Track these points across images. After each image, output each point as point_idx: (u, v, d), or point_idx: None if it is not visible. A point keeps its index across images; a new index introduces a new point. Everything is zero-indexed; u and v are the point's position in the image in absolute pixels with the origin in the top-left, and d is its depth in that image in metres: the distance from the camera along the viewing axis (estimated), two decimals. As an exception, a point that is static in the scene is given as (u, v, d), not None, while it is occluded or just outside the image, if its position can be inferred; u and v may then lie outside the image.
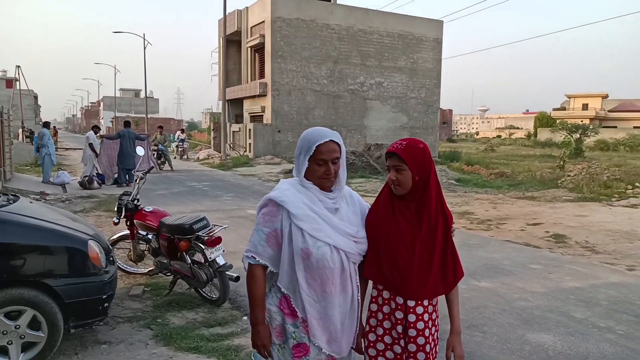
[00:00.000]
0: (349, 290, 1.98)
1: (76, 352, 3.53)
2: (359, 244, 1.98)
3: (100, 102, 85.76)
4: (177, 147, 27.17)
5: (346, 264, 1.94)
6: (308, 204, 1.89)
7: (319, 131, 1.93)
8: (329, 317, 1.94)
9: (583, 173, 14.22)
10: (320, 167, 1.89)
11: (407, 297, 1.97)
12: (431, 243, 1.96)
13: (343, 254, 1.92)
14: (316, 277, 1.90)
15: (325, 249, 1.88)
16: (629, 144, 35.82)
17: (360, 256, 2.00)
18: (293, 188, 1.94)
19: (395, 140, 2.05)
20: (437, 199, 1.99)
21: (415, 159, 1.94)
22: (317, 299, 1.92)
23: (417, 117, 27.92)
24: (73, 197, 11.15)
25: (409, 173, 1.94)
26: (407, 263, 1.95)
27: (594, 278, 5.61)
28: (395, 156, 1.96)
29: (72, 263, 3.43)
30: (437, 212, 1.98)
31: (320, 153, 1.88)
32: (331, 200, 1.96)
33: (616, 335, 4.03)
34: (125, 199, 5.07)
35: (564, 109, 62.72)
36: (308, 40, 24.64)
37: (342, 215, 1.98)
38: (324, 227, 1.89)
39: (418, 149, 1.96)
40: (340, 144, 1.94)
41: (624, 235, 7.97)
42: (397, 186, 1.97)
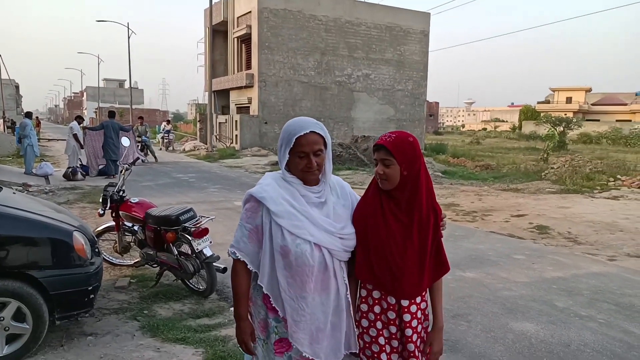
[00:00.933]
0: (332, 288, 1.88)
1: (62, 344, 3.50)
2: (344, 240, 1.89)
3: (84, 93, 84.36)
4: (163, 139, 26.91)
5: (329, 262, 1.86)
6: (288, 200, 1.82)
7: (299, 122, 1.84)
8: (309, 317, 1.86)
9: (566, 165, 14.44)
10: (302, 159, 1.81)
11: (400, 297, 1.91)
12: (423, 241, 1.90)
13: (326, 251, 1.84)
14: (296, 275, 1.82)
15: (304, 247, 1.80)
16: (611, 137, 36.42)
17: (347, 253, 1.91)
18: (275, 183, 1.87)
19: (384, 133, 1.96)
20: (427, 196, 1.91)
21: (404, 152, 1.85)
22: (296, 298, 1.84)
23: (404, 109, 28.01)
24: (56, 189, 11.00)
25: (397, 167, 1.85)
26: (399, 263, 1.88)
27: (576, 268, 5.73)
28: (383, 149, 1.87)
29: (57, 254, 3.40)
30: (429, 209, 1.90)
31: (301, 145, 1.79)
32: (315, 194, 1.88)
33: (597, 323, 4.12)
34: (111, 190, 5.02)
35: (549, 102, 63.45)
36: (295, 32, 24.49)
37: (329, 209, 1.90)
38: (304, 224, 1.81)
39: (407, 143, 1.87)
40: (323, 135, 1.84)
41: (606, 226, 8.13)
42: (384, 181, 1.89)
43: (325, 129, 1.88)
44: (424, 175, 1.90)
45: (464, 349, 3.58)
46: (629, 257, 6.28)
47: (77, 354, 3.36)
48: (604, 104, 60.50)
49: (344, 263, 1.93)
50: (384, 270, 1.90)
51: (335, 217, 1.90)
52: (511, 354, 3.54)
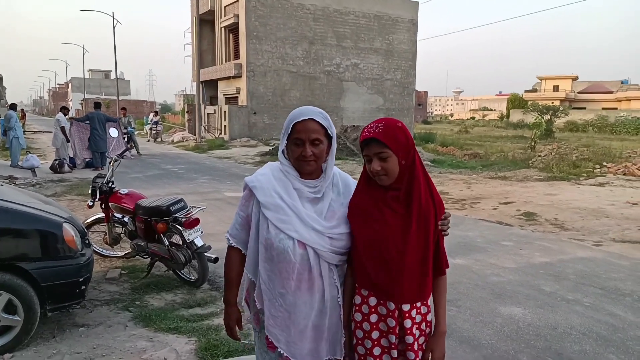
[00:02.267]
0: (317, 289, 1.77)
1: (54, 336, 3.50)
2: (334, 240, 1.76)
3: (69, 84, 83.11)
4: (151, 130, 26.69)
5: (314, 262, 1.75)
6: (279, 192, 1.75)
7: (302, 109, 1.77)
8: (288, 316, 1.78)
9: (553, 153, 14.61)
10: (298, 147, 1.74)
11: (400, 301, 1.73)
12: (424, 235, 1.71)
13: (311, 250, 1.74)
14: (276, 270, 1.77)
15: (287, 242, 1.72)
16: (597, 125, 36.84)
17: (337, 255, 1.78)
18: (270, 173, 1.81)
19: (367, 124, 1.75)
20: (426, 184, 1.73)
21: (397, 140, 1.69)
22: (275, 294, 1.78)
23: (393, 98, 28.03)
24: (43, 181, 10.88)
25: (394, 158, 1.69)
26: (398, 263, 1.70)
27: (562, 253, 5.83)
28: (375, 142, 1.69)
29: (47, 246, 3.38)
30: (428, 199, 1.72)
31: (297, 132, 1.73)
32: (311, 188, 1.79)
33: (583, 307, 4.21)
34: (100, 181, 4.99)
35: (536, 90, 63.85)
36: (283, 21, 24.32)
37: (324, 206, 1.80)
38: (291, 219, 1.73)
39: (398, 129, 1.71)
40: (325, 126, 1.75)
41: (592, 212, 8.27)
42: (384, 176, 1.71)
43: (330, 120, 1.79)
44: (419, 161, 1.74)
45: (454, 333, 3.64)
46: (614, 242, 6.40)
47: (70, 345, 3.36)
48: (590, 92, 61.06)
49: (333, 265, 1.81)
50: (380, 271, 1.73)
51: (329, 215, 1.79)
52: (499, 338, 3.61)
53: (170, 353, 3.28)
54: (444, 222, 1.77)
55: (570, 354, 3.37)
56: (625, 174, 12.58)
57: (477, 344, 3.52)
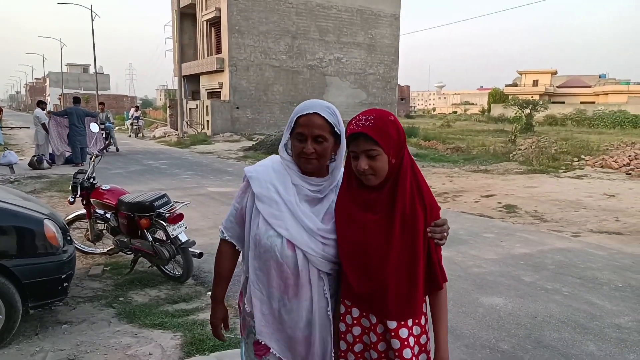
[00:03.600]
0: (305, 298, 1.63)
1: (36, 333, 3.46)
2: (326, 246, 1.62)
3: (46, 78, 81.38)
4: (132, 125, 26.33)
5: (302, 266, 1.61)
6: (276, 185, 1.64)
7: (308, 102, 1.64)
8: (278, 320, 1.68)
9: (533, 147, 14.84)
10: (299, 143, 1.61)
11: (384, 316, 1.55)
12: (410, 244, 1.51)
13: (300, 252, 1.60)
14: (263, 268, 1.66)
15: (275, 240, 1.61)
16: (575, 119, 37.49)
17: (328, 262, 1.63)
18: (270, 164, 1.71)
19: (356, 116, 1.55)
20: (414, 185, 1.53)
21: (389, 136, 1.50)
22: (263, 295, 1.68)
23: (376, 93, 28.13)
24: (22, 178, 10.68)
25: (384, 157, 1.50)
26: (379, 272, 1.52)
27: (542, 244, 5.96)
28: (364, 137, 1.49)
29: (28, 243, 3.34)
30: (414, 202, 1.52)
31: (299, 126, 1.60)
32: (312, 186, 1.65)
33: (562, 296, 4.32)
34: (81, 177, 4.92)
35: (516, 85, 64.70)
36: (265, 15, 24.17)
37: (323, 208, 1.66)
38: (283, 215, 1.61)
39: (390, 123, 1.52)
40: (331, 122, 1.60)
41: (570, 204, 8.45)
42: (371, 176, 1.53)
43: (339, 116, 1.63)
44: (408, 159, 1.56)
45: (437, 324, 3.70)
46: (592, 233, 6.56)
47: (53, 342, 3.33)
48: (569, 86, 62.10)
49: (324, 273, 1.65)
50: (361, 280, 1.56)
51: (327, 219, 1.65)
52: (481, 327, 3.69)
53: (155, 349, 3.27)
54: (434, 229, 1.53)
55: (550, 342, 3.46)
56: (603, 167, 12.87)
57: (459, 333, 3.58)
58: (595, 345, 3.42)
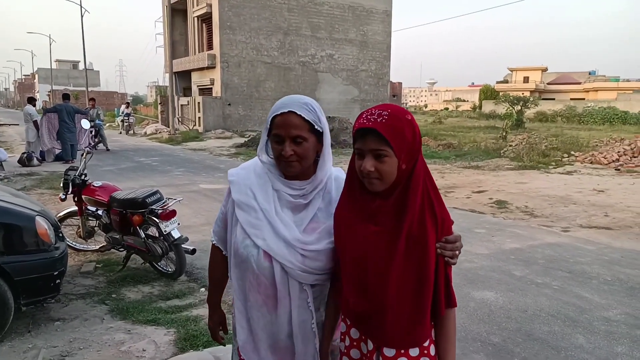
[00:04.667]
0: (284, 311, 1.51)
1: (29, 330, 3.45)
2: (307, 259, 1.47)
3: (35, 75, 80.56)
4: (123, 122, 26.16)
5: (280, 278, 1.49)
6: (254, 191, 1.52)
7: (285, 99, 1.49)
8: (257, 333, 1.57)
9: (523, 143, 14.94)
10: (278, 145, 1.47)
11: (381, 342, 1.38)
12: (417, 261, 1.31)
13: (277, 265, 1.48)
14: (242, 278, 1.56)
15: (251, 251, 1.50)
16: (565, 115, 37.77)
17: (310, 275, 1.49)
18: (252, 167, 1.59)
19: (368, 109, 1.34)
20: (425, 196, 1.32)
21: (403, 137, 1.29)
22: (243, 306, 1.59)
23: (368, 89, 28.16)
24: (11, 175, 10.58)
25: (394, 160, 1.29)
26: (378, 290, 1.34)
27: (532, 239, 6.02)
28: (374, 134, 1.28)
29: (20, 240, 3.33)
30: (424, 215, 1.31)
31: (275, 127, 1.47)
32: (294, 191, 1.52)
33: (552, 290, 4.38)
34: (72, 174, 4.90)
35: (507, 81, 65.04)
36: (257, 11, 24.08)
37: (307, 215, 1.52)
38: (261, 224, 1.49)
39: (406, 122, 1.31)
40: (310, 120, 1.45)
41: (560, 200, 8.53)
42: (376, 180, 1.32)
43: (318, 112, 1.48)
44: (422, 167, 1.35)
45: (429, 318, 3.74)
46: (581, 228, 6.64)
47: (46, 339, 3.32)
48: (559, 83, 62.55)
49: (307, 285, 1.52)
50: (359, 298, 1.39)
51: (310, 228, 1.51)
52: (472, 321, 3.73)
53: (149, 344, 3.27)
54: (444, 246, 1.33)
55: (540, 335, 3.51)
56: (592, 163, 13.00)
57: (451, 327, 3.62)
58: (584, 338, 3.47)
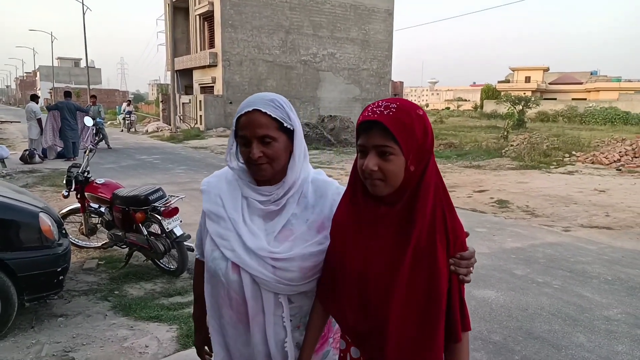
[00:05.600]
0: (257, 329, 1.37)
1: (32, 326, 3.47)
2: (279, 270, 1.33)
3: (37, 72, 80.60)
4: (124, 120, 26.20)
5: (251, 292, 1.35)
6: (224, 199, 1.41)
7: (250, 98, 1.37)
8: (232, 352, 1.47)
9: (525, 143, 14.94)
10: (245, 148, 1.34)
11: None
12: (426, 279, 1.14)
13: (247, 276, 1.34)
14: (214, 294, 1.45)
15: (220, 264, 1.38)
16: (567, 115, 37.75)
17: (286, 287, 1.35)
18: (224, 175, 1.48)
19: (373, 103, 1.18)
20: (436, 206, 1.16)
21: (412, 134, 1.13)
22: (217, 324, 1.48)
23: (370, 88, 28.16)
24: (14, 172, 10.59)
25: (401, 160, 1.13)
26: (380, 310, 1.17)
27: (533, 239, 6.03)
28: (379, 128, 1.12)
29: (24, 236, 3.35)
30: (436, 225, 1.15)
31: (240, 128, 1.34)
32: (263, 197, 1.38)
33: (552, 289, 4.39)
34: (75, 171, 4.91)
35: (508, 81, 64.96)
36: (259, 9, 24.08)
37: (279, 223, 1.38)
38: (230, 235, 1.37)
39: (417, 118, 1.14)
40: (277, 117, 1.32)
41: (561, 199, 8.54)
42: (379, 181, 1.16)
43: (287, 108, 1.36)
44: (433, 171, 1.19)
45: (430, 316, 3.75)
46: (582, 228, 6.65)
47: (49, 335, 3.34)
48: (561, 83, 62.50)
49: (287, 297, 1.38)
50: (358, 317, 1.24)
51: (282, 236, 1.37)
52: (473, 319, 3.72)
53: (151, 341, 3.29)
54: (458, 262, 1.17)
55: (540, 333, 3.52)
56: (594, 163, 13.01)
57: (452, 325, 3.63)
58: (584, 337, 3.48)
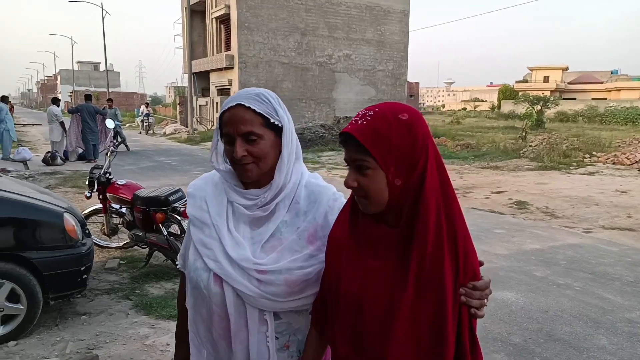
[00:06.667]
0: (240, 345, 1.23)
1: (56, 324, 3.55)
2: (264, 284, 1.19)
3: (57, 76, 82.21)
4: (143, 122, 26.56)
5: (234, 306, 1.21)
6: (209, 204, 1.28)
7: (235, 94, 1.24)
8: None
9: (544, 143, 14.75)
10: (229, 146, 1.21)
11: None
12: (431, 310, 0.99)
13: (230, 289, 1.20)
14: (196, 308, 1.31)
15: (201, 274, 1.24)
16: (587, 115, 37.12)
17: (272, 302, 1.20)
18: (212, 177, 1.35)
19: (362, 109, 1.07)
20: (441, 222, 0.99)
21: (388, 143, 0.99)
22: (198, 340, 1.34)
23: (385, 89, 28.06)
24: (36, 174, 10.83)
25: (379, 174, 1.00)
26: (378, 344, 1.03)
27: (553, 240, 5.96)
28: (353, 141, 1.01)
29: (49, 236, 3.43)
30: (441, 246, 0.98)
31: (223, 125, 1.22)
32: (249, 202, 1.24)
33: (574, 291, 4.33)
34: (97, 172, 5.01)
35: (526, 81, 64.11)
36: (274, 12, 24.20)
37: (266, 231, 1.24)
38: (213, 244, 1.24)
39: (396, 124, 0.99)
40: (262, 112, 1.19)
41: (581, 200, 8.41)
42: (363, 199, 1.05)
43: (274, 103, 1.23)
44: (434, 182, 1.00)
45: (449, 317, 3.74)
46: (604, 229, 6.54)
47: (73, 333, 3.42)
48: (581, 82, 61.46)
49: (273, 314, 1.23)
50: (348, 346, 1.09)
51: (270, 246, 1.23)
52: (493, 321, 3.71)
53: (172, 339, 3.30)
54: (470, 293, 1.01)
55: (562, 335, 3.48)
56: (615, 163, 12.77)
57: (471, 327, 3.61)
58: (607, 339, 3.43)
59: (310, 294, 1.23)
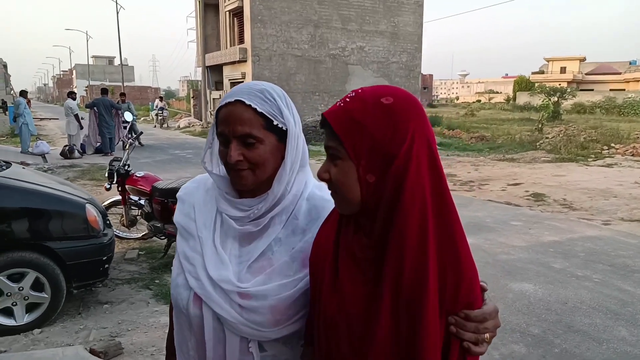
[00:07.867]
0: None
1: (79, 312, 3.63)
2: (247, 311, 1.01)
3: (73, 70, 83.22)
4: (157, 116, 26.79)
5: (213, 332, 1.04)
6: (197, 212, 1.12)
7: (235, 87, 1.06)
8: None
9: (561, 135, 14.56)
10: (224, 148, 1.03)
11: None
12: (407, 335, 0.81)
13: (209, 312, 1.03)
14: (179, 329, 1.16)
15: (182, 292, 1.08)
16: (605, 107, 36.49)
17: (256, 332, 1.02)
18: (204, 180, 1.18)
19: None
20: (422, 237, 0.79)
21: (362, 131, 0.82)
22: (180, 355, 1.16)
23: (399, 82, 27.86)
24: (55, 167, 11.01)
25: (348, 165, 0.84)
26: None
27: (571, 232, 5.90)
28: (328, 127, 0.88)
29: (71, 226, 3.50)
30: (425, 261, 0.79)
31: (219, 122, 1.03)
32: (240, 213, 1.05)
33: (593, 282, 4.29)
34: (116, 164, 5.09)
35: (543, 72, 63.18)
36: (287, 4, 24.15)
37: (256, 248, 1.06)
38: (197, 259, 1.07)
39: (372, 108, 0.83)
40: (264, 112, 1.01)
41: (600, 192, 8.30)
42: (333, 194, 0.90)
43: (280, 101, 1.07)
44: (417, 182, 0.80)
45: (466, 308, 3.74)
46: (623, 221, 6.46)
47: (96, 321, 3.49)
48: (598, 73, 60.37)
49: (259, 347, 1.05)
50: None
51: (258, 267, 1.05)
52: (511, 312, 3.70)
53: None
54: (461, 324, 0.82)
55: (581, 327, 3.46)
56: (634, 155, 12.57)
57: (489, 318, 3.61)
58: (627, 331, 3.40)
59: (299, 318, 1.05)
